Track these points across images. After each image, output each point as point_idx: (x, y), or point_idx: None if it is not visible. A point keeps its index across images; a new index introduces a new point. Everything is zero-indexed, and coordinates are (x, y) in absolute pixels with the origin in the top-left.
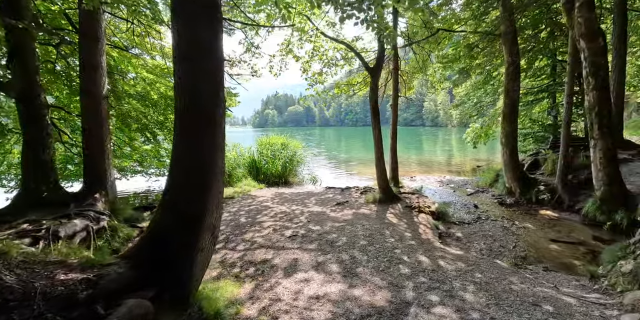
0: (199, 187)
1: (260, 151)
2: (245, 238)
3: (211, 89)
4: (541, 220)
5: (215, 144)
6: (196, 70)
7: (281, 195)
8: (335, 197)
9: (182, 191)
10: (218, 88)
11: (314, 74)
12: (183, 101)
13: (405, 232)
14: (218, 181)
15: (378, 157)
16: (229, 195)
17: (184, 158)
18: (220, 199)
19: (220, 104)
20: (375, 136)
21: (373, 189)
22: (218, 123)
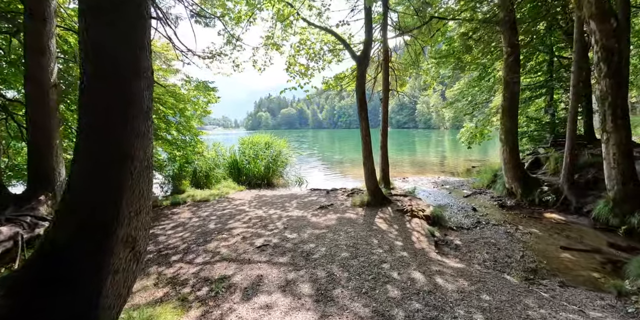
0: (108, 185)
1: (243, 151)
2: (209, 248)
3: (128, 53)
4: (547, 225)
5: (133, 128)
6: (107, 25)
7: (261, 198)
8: (319, 200)
9: (86, 190)
10: (138, 53)
11: (297, 64)
12: (89, 68)
13: (396, 241)
14: (140, 178)
15: (366, 155)
16: (203, 198)
17: (89, 145)
18: (145, 202)
19: (141, 74)
20: (362, 132)
21: (361, 190)
22: (138, 100)
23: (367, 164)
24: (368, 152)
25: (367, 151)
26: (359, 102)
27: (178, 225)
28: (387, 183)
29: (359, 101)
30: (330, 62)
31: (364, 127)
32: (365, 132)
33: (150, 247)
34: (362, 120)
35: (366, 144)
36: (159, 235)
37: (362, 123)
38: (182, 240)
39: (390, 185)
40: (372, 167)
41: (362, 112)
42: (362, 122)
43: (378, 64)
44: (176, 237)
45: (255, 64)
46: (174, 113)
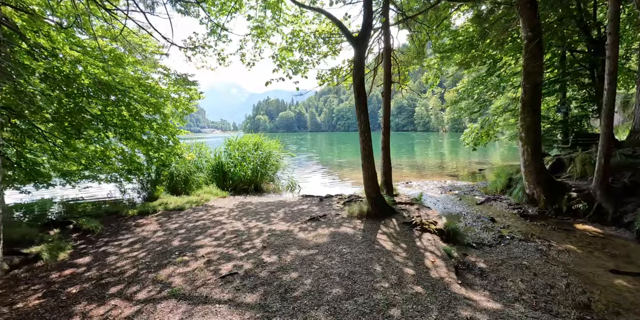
0: None
1: (229, 153)
2: (160, 276)
3: None
4: (583, 239)
5: None
6: None
7: (244, 206)
8: (311, 209)
9: None
10: None
11: (288, 62)
12: None
13: (406, 267)
14: None
15: (365, 154)
16: (178, 206)
17: None
18: None
19: None
20: (360, 127)
21: (360, 198)
22: None
23: (367, 166)
24: (368, 151)
25: (366, 150)
26: (356, 93)
27: (137, 240)
28: (390, 189)
29: (356, 91)
30: (325, 56)
31: (362, 120)
32: (364, 126)
33: (92, 272)
34: (360, 113)
35: (365, 140)
36: (110, 255)
37: (360, 117)
38: (133, 263)
39: (394, 191)
40: (373, 170)
41: (360, 104)
42: (361, 116)
43: (378, 54)
44: (129, 257)
45: (244, 58)
46: (148, 109)
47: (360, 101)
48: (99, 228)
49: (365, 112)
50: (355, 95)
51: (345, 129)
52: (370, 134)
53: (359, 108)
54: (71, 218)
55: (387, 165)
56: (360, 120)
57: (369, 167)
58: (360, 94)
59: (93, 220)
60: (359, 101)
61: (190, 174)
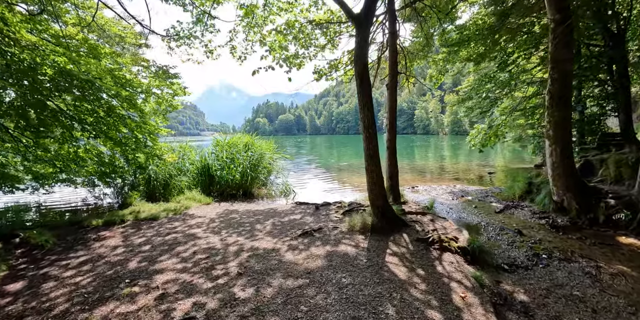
0: None
1: (217, 154)
2: (93, 318)
3: None
4: (634, 258)
5: None
6: None
7: (228, 215)
8: (305, 220)
9: None
10: None
11: (272, 31)
12: None
13: (429, 308)
14: None
15: (370, 154)
16: (152, 214)
17: None
18: None
19: None
20: (363, 122)
21: (362, 206)
22: None
23: (372, 168)
24: (373, 151)
25: (370, 149)
26: (358, 80)
27: (89, 260)
28: (397, 195)
29: (359, 77)
30: (323, 49)
31: (366, 114)
32: (368, 121)
33: (16, 306)
34: (363, 105)
35: (369, 138)
36: (49, 280)
37: (363, 109)
38: (70, 294)
39: (401, 197)
40: (379, 173)
41: (364, 94)
42: (364, 109)
43: (382, 43)
44: (69, 284)
45: (234, 51)
46: (122, 104)
47: (364, 90)
48: (49, 242)
49: (369, 103)
50: (358, 83)
51: (345, 132)
52: (375, 131)
53: (362, 99)
54: (21, 230)
55: (394, 168)
56: (364, 114)
57: (374, 170)
58: (363, 80)
59: (45, 233)
60: (361, 90)
61: (171, 178)
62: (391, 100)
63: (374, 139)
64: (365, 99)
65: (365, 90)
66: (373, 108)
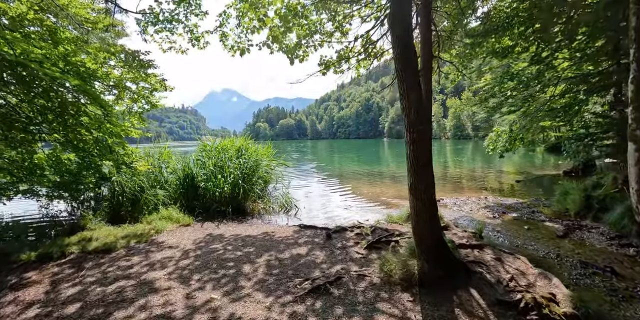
0: None
1: (203, 162)
2: None
3: None
4: None
5: None
6: None
7: (209, 244)
8: (313, 258)
9: None
10: None
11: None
12: None
13: None
14: None
15: (420, 165)
16: (106, 244)
17: None
18: None
19: None
20: (408, 117)
21: (391, 233)
22: None
23: (419, 186)
24: (423, 160)
25: (419, 157)
26: (399, 50)
27: None
28: None
29: (398, 46)
30: (330, 37)
31: (412, 101)
32: (415, 115)
33: None
34: (406, 89)
35: (418, 141)
36: None
37: (407, 95)
38: None
39: (439, 219)
40: (431, 194)
41: (407, 72)
42: (410, 93)
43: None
44: None
45: (225, 39)
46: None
47: (407, 65)
48: None
49: (416, 86)
50: (397, 56)
51: (346, 137)
52: (430, 129)
53: (404, 79)
54: None
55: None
56: (409, 102)
57: (424, 189)
58: (405, 51)
59: None
60: (403, 65)
61: (143, 192)
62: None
63: (426, 142)
64: (410, 80)
65: (410, 66)
66: (422, 92)
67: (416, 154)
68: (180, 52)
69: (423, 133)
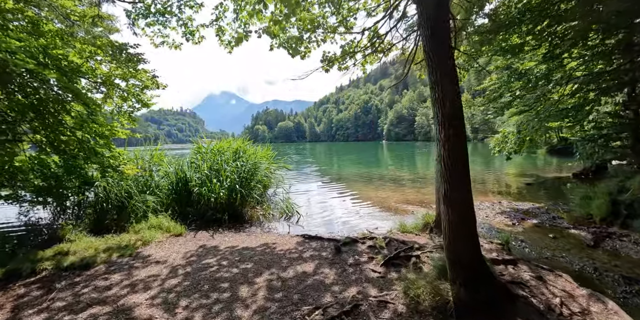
0: None
1: (197, 164)
2: None
3: None
4: None
5: None
6: None
7: (201, 259)
8: (322, 278)
9: None
10: None
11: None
12: None
13: None
14: None
15: (456, 168)
16: (85, 258)
17: None
18: None
19: None
20: (441, 111)
21: (409, 246)
22: None
23: (454, 193)
24: (461, 163)
25: (454, 157)
26: (428, 32)
27: None
28: None
29: (427, 27)
30: (333, 32)
31: (446, 92)
32: (450, 107)
33: None
34: (440, 76)
35: (452, 139)
36: None
37: (439, 83)
38: None
39: None
40: (468, 203)
41: (440, 54)
42: (442, 80)
43: None
44: None
45: (222, 34)
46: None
47: (440, 46)
48: None
49: (451, 72)
50: (427, 37)
51: (345, 139)
52: (463, 124)
53: (437, 62)
54: None
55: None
56: (443, 91)
57: (461, 198)
58: (436, 30)
59: None
60: (436, 46)
61: (131, 198)
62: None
63: (460, 140)
64: (444, 64)
65: (444, 47)
66: (457, 80)
67: (451, 154)
68: (174, 48)
69: (459, 129)
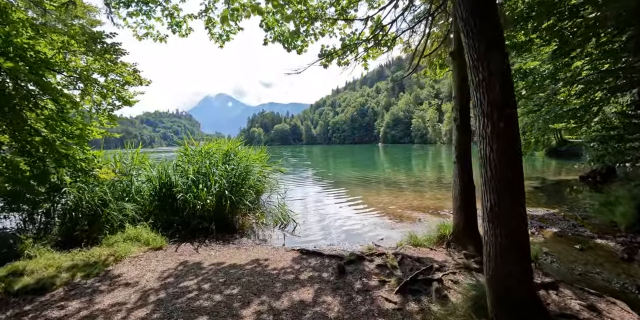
0: None
1: (183, 168)
2: None
3: None
4: None
5: None
6: None
7: (179, 280)
8: (323, 306)
9: None
10: None
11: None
12: None
13: None
14: None
15: (510, 172)
16: (43, 279)
17: None
18: None
19: None
20: (489, 97)
21: (427, 265)
22: None
23: (506, 208)
24: (515, 163)
25: (510, 157)
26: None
27: None
28: (473, 233)
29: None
30: (334, 24)
31: (494, 69)
32: (500, 90)
33: None
34: (486, 49)
35: (510, 131)
36: None
37: (484, 58)
38: None
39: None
40: (523, 221)
41: (487, 23)
42: (489, 55)
43: None
44: None
45: (212, 26)
46: None
47: (484, 9)
48: None
49: (499, 44)
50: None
51: (341, 142)
52: (516, 115)
53: (480, 31)
54: None
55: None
56: (489, 69)
57: (512, 213)
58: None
59: None
60: (479, 8)
61: (105, 206)
62: (460, 80)
63: (513, 135)
64: (490, 33)
65: (487, 8)
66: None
67: (501, 156)
68: (159, 40)
69: (512, 121)
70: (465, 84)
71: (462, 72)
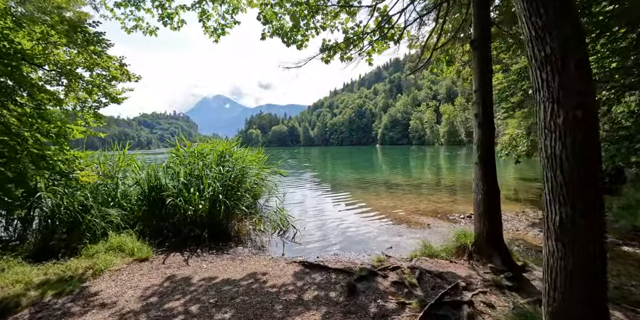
0: None
1: (174, 170)
2: None
3: None
4: None
5: None
6: None
7: (164, 300)
8: None
9: None
10: None
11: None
12: None
13: None
14: None
15: (588, 181)
16: (8, 297)
17: None
18: None
19: None
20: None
21: (461, 285)
22: None
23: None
24: (591, 172)
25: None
26: None
27: None
28: (499, 243)
29: None
30: (336, 17)
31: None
32: (575, 70)
33: None
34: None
35: (589, 128)
36: None
37: (553, 27)
38: None
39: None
40: (597, 246)
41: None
42: (558, 24)
43: None
44: None
45: (206, 19)
46: None
47: None
48: None
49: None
50: None
51: (339, 143)
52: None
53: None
54: None
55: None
56: (560, 45)
57: (586, 229)
58: None
59: None
60: None
61: (87, 212)
62: (482, 72)
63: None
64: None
65: None
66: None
67: (576, 155)
68: (149, 33)
69: (591, 109)
70: (488, 76)
71: (484, 62)
